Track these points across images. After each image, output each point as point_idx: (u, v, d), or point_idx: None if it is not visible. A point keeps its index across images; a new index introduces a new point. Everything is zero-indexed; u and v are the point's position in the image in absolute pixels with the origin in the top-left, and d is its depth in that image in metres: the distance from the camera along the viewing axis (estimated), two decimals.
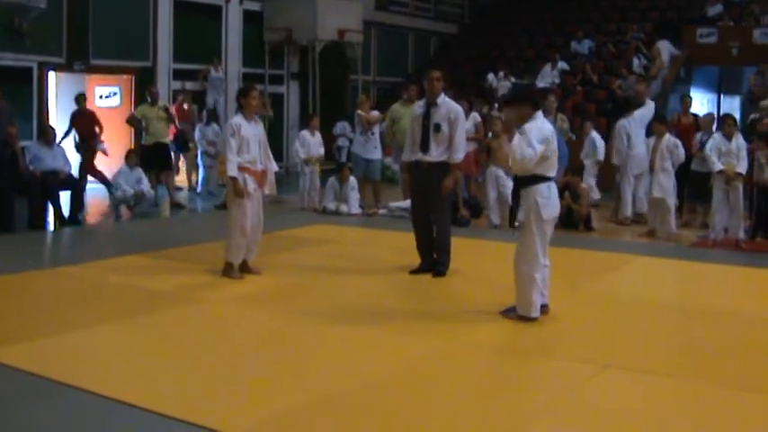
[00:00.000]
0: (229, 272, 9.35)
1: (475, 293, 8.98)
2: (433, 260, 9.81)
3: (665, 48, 22.75)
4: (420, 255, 9.86)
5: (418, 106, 10.03)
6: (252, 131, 9.32)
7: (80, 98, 16.60)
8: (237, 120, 9.30)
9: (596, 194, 15.13)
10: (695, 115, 15.48)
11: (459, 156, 9.63)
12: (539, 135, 7.43)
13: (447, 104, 9.67)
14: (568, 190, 13.43)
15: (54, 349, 6.71)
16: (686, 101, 16.15)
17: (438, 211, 9.75)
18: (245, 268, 9.50)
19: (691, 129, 14.62)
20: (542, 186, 7.55)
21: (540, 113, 7.68)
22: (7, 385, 5.86)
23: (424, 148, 9.57)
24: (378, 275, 9.70)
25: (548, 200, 7.56)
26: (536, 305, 7.61)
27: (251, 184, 9.27)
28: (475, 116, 15.28)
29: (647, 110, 14.08)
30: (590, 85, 22.68)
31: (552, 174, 7.66)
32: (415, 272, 9.74)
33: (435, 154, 9.53)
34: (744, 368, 6.42)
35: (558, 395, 5.77)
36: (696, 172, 13.56)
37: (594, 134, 15.90)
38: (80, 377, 5.91)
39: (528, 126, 7.48)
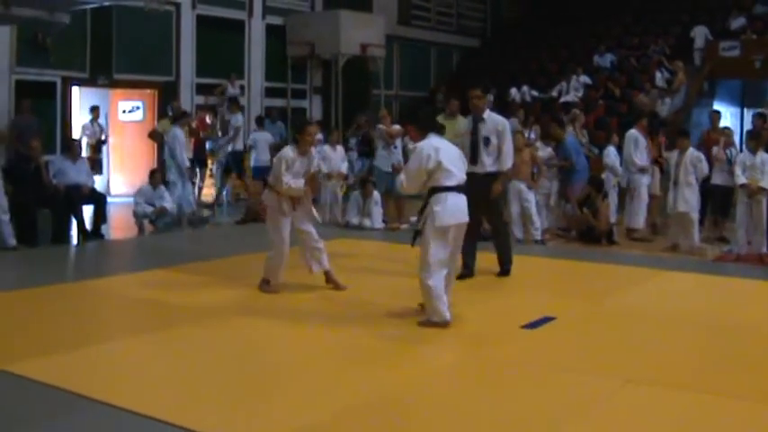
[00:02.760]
0: (264, 286, 9.40)
1: (496, 307, 8.96)
2: (474, 266, 10.34)
3: (701, 33, 22.78)
4: (462, 261, 9.99)
5: (466, 122, 10.60)
6: (300, 167, 9.32)
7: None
8: (289, 153, 9.27)
9: (612, 217, 14.53)
10: (726, 129, 15.25)
11: (508, 164, 10.28)
12: (419, 154, 7.99)
13: (493, 118, 10.37)
14: (587, 205, 13.39)
15: (74, 362, 6.72)
16: (715, 116, 16.04)
17: (493, 215, 10.56)
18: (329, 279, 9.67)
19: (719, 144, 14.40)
20: (439, 196, 7.92)
21: (431, 135, 8.17)
22: (28, 398, 5.87)
23: (474, 160, 10.04)
24: (399, 289, 9.67)
25: (443, 209, 7.86)
26: (438, 310, 7.82)
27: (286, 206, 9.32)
28: None
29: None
30: (612, 99, 22.61)
31: (448, 183, 7.97)
32: (460, 277, 9.87)
33: (487, 164, 10.17)
34: None
35: (580, 409, 5.72)
36: (717, 186, 13.47)
37: (610, 148, 15.59)
38: (100, 390, 5.92)
39: (419, 145, 8.10)
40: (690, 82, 22.05)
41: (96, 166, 18.49)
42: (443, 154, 8.00)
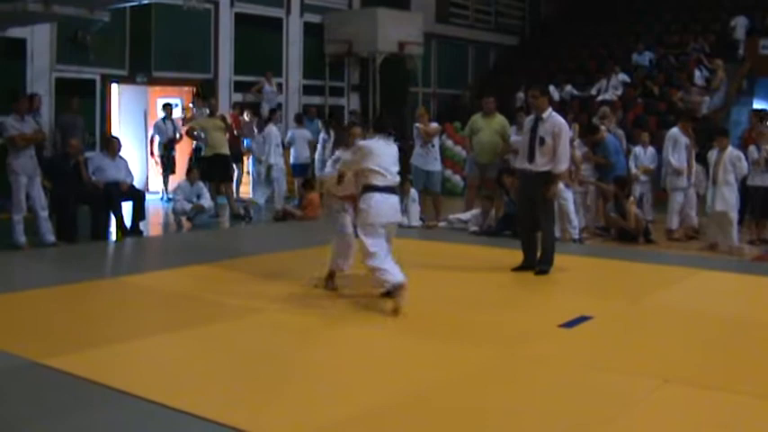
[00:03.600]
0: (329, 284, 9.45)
1: (533, 306, 8.93)
2: (535, 259, 10.60)
3: (741, 24, 22.61)
4: (523, 253, 10.68)
5: (528, 120, 10.83)
6: None
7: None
8: (340, 153, 9.48)
9: (645, 214, 14.41)
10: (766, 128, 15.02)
11: (561, 166, 10.50)
12: (357, 149, 8.73)
13: (552, 119, 10.49)
14: (615, 206, 13.34)
15: (112, 357, 6.77)
16: (754, 115, 15.79)
17: (542, 216, 10.60)
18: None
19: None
20: (366, 195, 8.57)
21: (376, 136, 8.85)
22: (64, 392, 5.92)
23: (531, 158, 10.49)
24: (433, 287, 9.66)
25: (369, 207, 8.47)
26: (390, 277, 8.37)
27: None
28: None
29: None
30: (650, 98, 22.45)
31: (378, 183, 8.55)
32: (517, 269, 10.63)
33: (540, 164, 10.41)
34: None
35: (619, 409, 5.67)
36: (756, 187, 13.28)
37: (637, 148, 15.50)
38: (136, 385, 5.95)
39: (361, 142, 8.85)
40: (729, 80, 21.87)
41: (171, 164, 18.65)
42: (378, 155, 8.58)
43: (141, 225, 13.77)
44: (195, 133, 16.27)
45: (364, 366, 6.66)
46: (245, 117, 19.43)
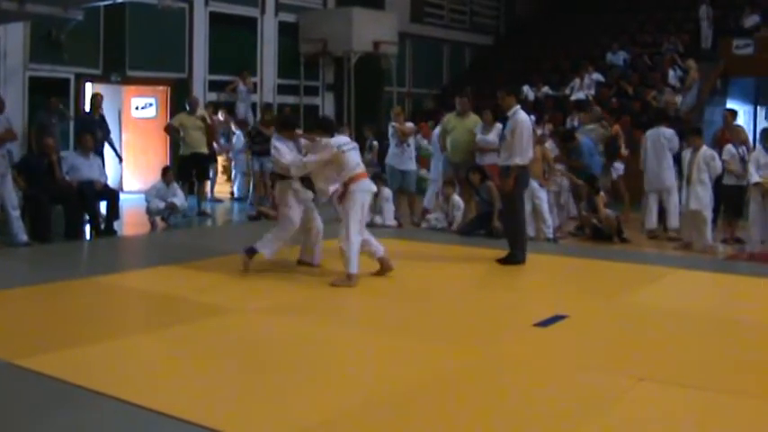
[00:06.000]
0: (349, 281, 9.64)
1: (508, 305, 8.97)
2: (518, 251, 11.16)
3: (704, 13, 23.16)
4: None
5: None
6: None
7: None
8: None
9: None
10: (739, 127, 15.03)
11: (515, 159, 10.91)
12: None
13: (514, 116, 10.99)
14: (588, 203, 13.44)
15: (87, 358, 6.74)
16: (728, 115, 15.75)
17: (505, 207, 11.71)
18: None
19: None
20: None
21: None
22: (40, 393, 5.89)
23: (500, 153, 11.40)
24: (408, 286, 9.70)
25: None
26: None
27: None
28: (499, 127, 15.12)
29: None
30: (625, 97, 22.56)
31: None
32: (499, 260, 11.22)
33: (503, 158, 11.17)
34: None
35: (594, 409, 5.69)
36: (727, 186, 13.33)
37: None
38: (112, 386, 5.93)
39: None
40: (702, 80, 21.99)
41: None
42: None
43: (115, 224, 13.71)
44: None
45: (341, 366, 6.68)
46: (220, 116, 19.39)
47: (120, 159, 17.32)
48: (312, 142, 10.02)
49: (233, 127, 19.25)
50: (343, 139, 10.10)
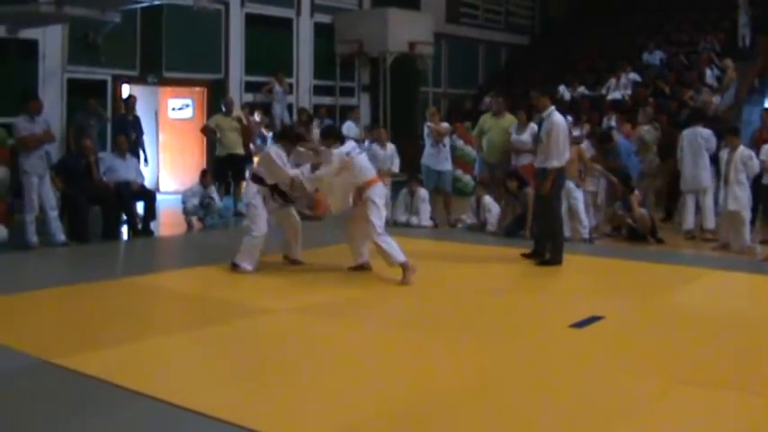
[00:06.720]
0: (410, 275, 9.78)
1: (544, 306, 8.93)
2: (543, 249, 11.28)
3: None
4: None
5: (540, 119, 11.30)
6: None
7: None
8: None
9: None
10: None
11: (553, 162, 10.87)
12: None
13: (550, 117, 10.93)
14: (623, 204, 13.32)
15: (123, 357, 6.77)
16: (765, 114, 15.61)
17: (541, 209, 11.44)
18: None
19: None
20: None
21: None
22: (76, 391, 5.95)
23: (536, 155, 11.35)
24: (443, 287, 9.68)
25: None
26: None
27: None
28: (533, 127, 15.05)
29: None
30: (662, 97, 22.38)
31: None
32: (525, 255, 11.44)
33: (539, 161, 11.09)
34: None
35: (629, 411, 5.65)
36: (766, 186, 13.06)
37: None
38: (147, 384, 5.96)
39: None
40: (740, 79, 21.79)
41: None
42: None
43: (152, 225, 13.80)
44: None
45: (378, 367, 6.66)
46: (256, 117, 19.43)
47: (147, 161, 17.35)
48: (318, 152, 10.27)
49: (263, 130, 19.23)
50: (350, 145, 10.32)
